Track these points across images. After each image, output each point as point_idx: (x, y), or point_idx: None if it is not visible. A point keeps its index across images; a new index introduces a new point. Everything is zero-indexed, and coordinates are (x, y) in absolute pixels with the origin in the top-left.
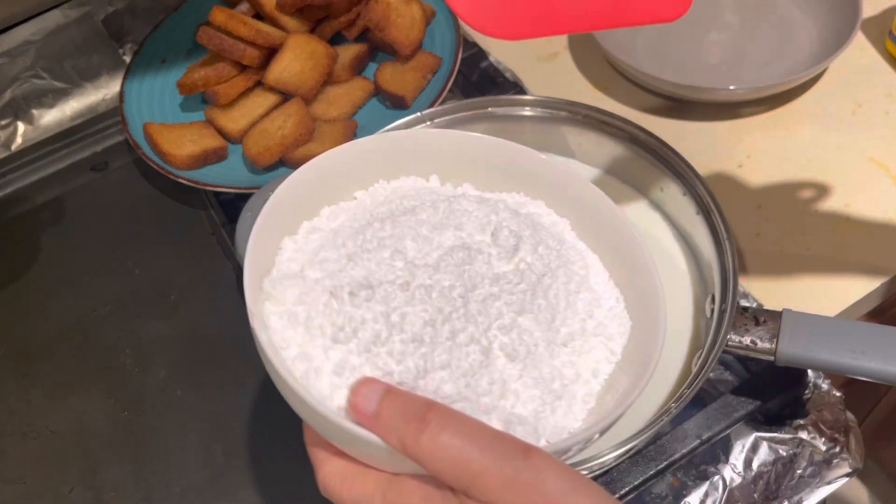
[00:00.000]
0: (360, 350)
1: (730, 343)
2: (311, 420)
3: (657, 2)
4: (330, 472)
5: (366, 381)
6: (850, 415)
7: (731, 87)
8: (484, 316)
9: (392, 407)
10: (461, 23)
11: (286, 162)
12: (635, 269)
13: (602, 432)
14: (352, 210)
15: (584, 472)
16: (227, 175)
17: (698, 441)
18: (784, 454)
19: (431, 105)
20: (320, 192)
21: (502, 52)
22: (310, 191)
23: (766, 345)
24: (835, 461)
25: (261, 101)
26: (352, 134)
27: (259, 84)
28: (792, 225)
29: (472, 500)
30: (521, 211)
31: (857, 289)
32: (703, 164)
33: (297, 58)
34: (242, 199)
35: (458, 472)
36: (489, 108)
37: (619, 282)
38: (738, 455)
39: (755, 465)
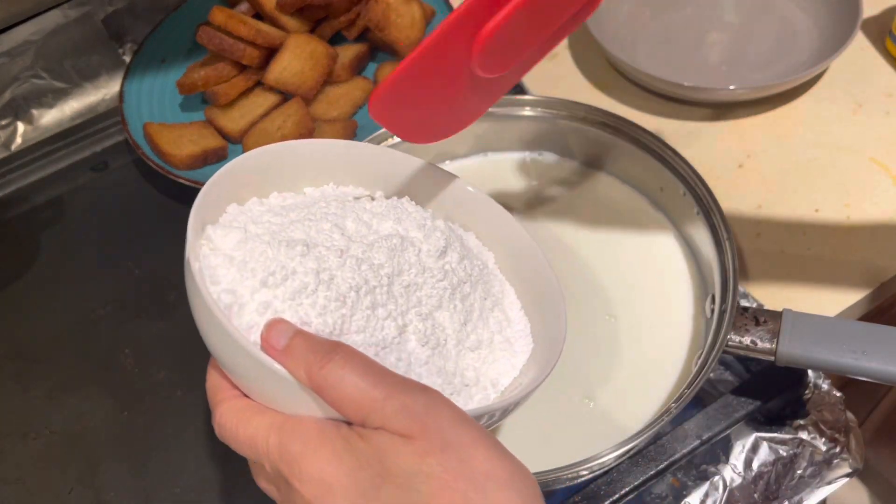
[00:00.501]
0: (286, 297)
1: (730, 343)
2: (223, 350)
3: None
4: (227, 409)
5: (279, 321)
6: (850, 415)
7: (731, 87)
8: (405, 299)
9: (301, 342)
10: None
11: None
12: (547, 305)
13: (485, 416)
14: (299, 198)
15: (585, 473)
16: None
17: (698, 441)
18: (784, 454)
19: None
20: (273, 176)
21: None
22: (264, 171)
23: (767, 345)
24: (835, 461)
25: (261, 101)
26: (352, 134)
27: (259, 84)
28: (792, 225)
29: (368, 429)
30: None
31: (857, 289)
32: (703, 164)
33: (297, 58)
34: None
35: (358, 401)
36: (489, 108)
37: (528, 311)
38: (738, 455)
39: (755, 465)
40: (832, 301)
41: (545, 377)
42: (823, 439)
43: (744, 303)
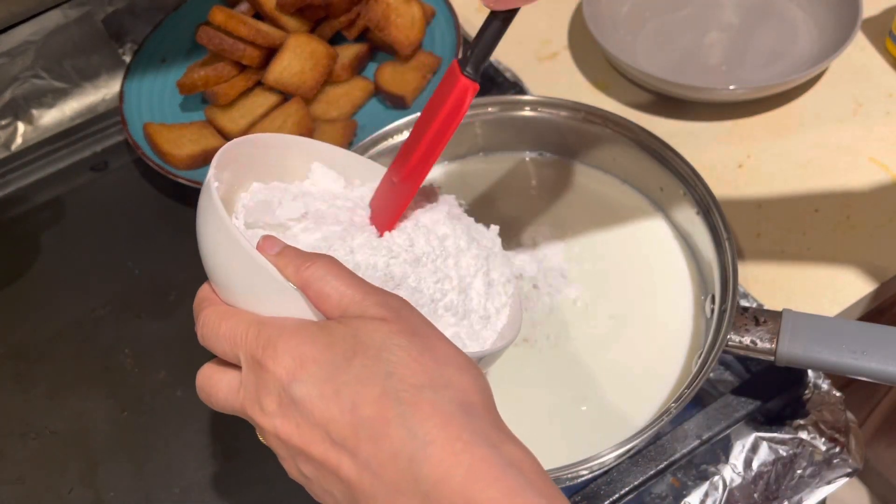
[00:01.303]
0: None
1: (730, 343)
2: (222, 251)
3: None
4: (213, 311)
5: (273, 237)
6: (850, 415)
7: (731, 87)
8: (455, 270)
9: (292, 250)
10: (461, 22)
11: None
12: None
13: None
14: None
15: (585, 473)
16: None
17: (698, 441)
18: (784, 454)
19: None
20: (288, 162)
21: (502, 52)
22: (282, 156)
23: (766, 345)
24: (835, 461)
25: (261, 101)
26: (352, 134)
27: (259, 84)
28: (792, 225)
29: (346, 318)
30: None
31: (857, 289)
32: (703, 164)
33: (297, 58)
34: None
35: (338, 298)
36: (489, 108)
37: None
38: (738, 455)
39: (755, 465)
40: (832, 301)
41: (510, 342)
42: (823, 439)
43: (744, 303)
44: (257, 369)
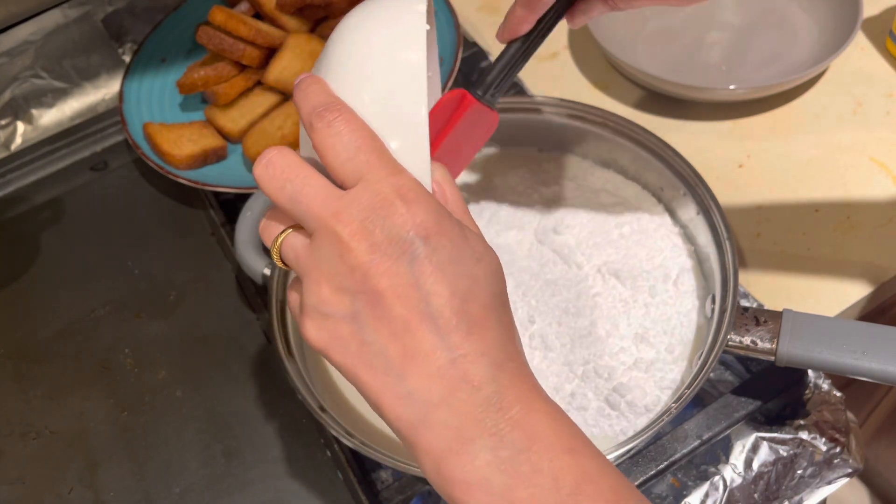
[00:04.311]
0: None
1: (730, 343)
2: (389, 87)
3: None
4: (355, 116)
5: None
6: (850, 415)
7: (731, 87)
8: None
9: None
10: (461, 22)
11: None
12: None
13: None
14: None
15: None
16: (226, 175)
17: (699, 441)
18: (784, 454)
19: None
20: None
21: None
22: None
23: (767, 345)
24: (835, 461)
25: (260, 101)
26: None
27: (259, 84)
28: (792, 225)
29: None
30: None
31: (857, 289)
32: (703, 164)
33: (297, 57)
34: (242, 199)
35: (461, 207)
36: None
37: None
38: (738, 455)
39: (755, 465)
40: (832, 301)
41: None
42: (824, 439)
43: (744, 303)
44: (387, 198)
